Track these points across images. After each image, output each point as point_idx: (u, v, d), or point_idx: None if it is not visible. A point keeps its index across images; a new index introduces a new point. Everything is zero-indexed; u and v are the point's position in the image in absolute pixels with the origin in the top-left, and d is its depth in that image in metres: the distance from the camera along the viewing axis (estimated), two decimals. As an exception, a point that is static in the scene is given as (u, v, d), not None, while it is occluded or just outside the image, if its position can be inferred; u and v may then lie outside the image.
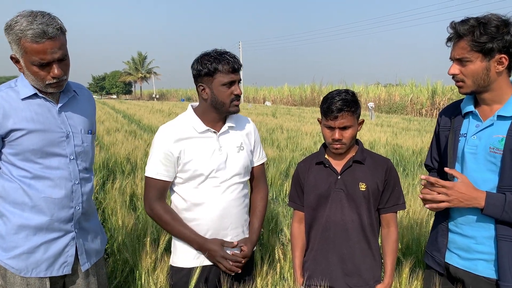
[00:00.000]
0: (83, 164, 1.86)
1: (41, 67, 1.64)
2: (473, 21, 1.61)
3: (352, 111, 1.86)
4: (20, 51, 1.62)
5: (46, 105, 1.75)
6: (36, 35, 1.57)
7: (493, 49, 1.58)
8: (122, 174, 6.04)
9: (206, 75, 1.93)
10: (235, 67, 1.92)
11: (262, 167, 2.23)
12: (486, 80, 1.65)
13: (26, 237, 1.74)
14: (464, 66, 1.66)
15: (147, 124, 15.50)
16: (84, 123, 1.88)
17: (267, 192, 2.25)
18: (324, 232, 1.95)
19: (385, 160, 2.00)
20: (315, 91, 41.80)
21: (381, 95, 34.18)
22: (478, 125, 1.73)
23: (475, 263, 1.74)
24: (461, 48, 1.64)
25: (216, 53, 1.93)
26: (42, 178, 1.73)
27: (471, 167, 1.72)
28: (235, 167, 2.02)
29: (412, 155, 8.56)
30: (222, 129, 2.03)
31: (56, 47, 1.62)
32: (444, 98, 28.25)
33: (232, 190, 2.01)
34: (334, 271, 1.94)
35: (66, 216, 1.80)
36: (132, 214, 3.75)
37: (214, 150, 1.98)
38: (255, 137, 2.19)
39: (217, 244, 1.96)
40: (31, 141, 1.69)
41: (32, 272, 1.75)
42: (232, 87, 1.93)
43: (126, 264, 3.00)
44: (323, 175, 1.97)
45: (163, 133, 1.98)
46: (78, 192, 1.82)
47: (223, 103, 1.95)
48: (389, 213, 1.97)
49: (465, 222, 1.75)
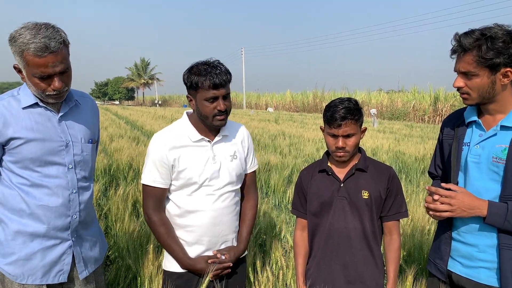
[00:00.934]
0: (82, 173, 1.87)
1: (42, 79, 1.66)
2: (478, 34, 1.58)
3: (356, 119, 1.87)
4: (22, 62, 1.64)
5: (47, 114, 1.77)
6: (38, 50, 1.58)
7: (499, 64, 1.57)
8: (125, 181, 6.06)
9: (190, 88, 1.95)
10: (216, 83, 1.87)
11: (253, 174, 2.25)
12: (491, 93, 1.65)
13: (23, 243, 1.75)
14: (470, 80, 1.66)
15: (149, 130, 15.55)
16: (85, 132, 1.90)
17: (257, 200, 2.26)
18: (327, 239, 1.96)
19: (387, 168, 2.01)
20: (317, 97, 41.81)
21: (384, 102, 34.14)
22: (481, 134, 1.74)
23: (477, 271, 1.74)
24: (467, 62, 1.63)
25: (203, 66, 1.91)
26: (40, 186, 1.75)
27: (473, 176, 1.73)
28: (228, 176, 2.03)
29: (415, 161, 8.55)
30: (216, 138, 2.04)
31: (57, 61, 1.64)
32: (446, 105, 28.19)
33: (224, 198, 2.03)
34: (337, 279, 1.94)
35: (63, 224, 1.81)
36: (135, 220, 3.76)
37: (208, 159, 2.00)
38: (249, 144, 2.20)
39: (203, 263, 1.99)
40: (30, 150, 1.71)
41: (28, 279, 1.76)
42: (215, 102, 1.92)
43: (129, 270, 3.01)
44: (326, 183, 1.98)
45: (158, 141, 1.99)
46: (76, 201, 1.83)
47: (206, 116, 1.95)
48: (392, 221, 1.98)
49: (467, 230, 1.76)
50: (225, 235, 2.06)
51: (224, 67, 1.93)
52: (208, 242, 2.02)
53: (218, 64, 1.93)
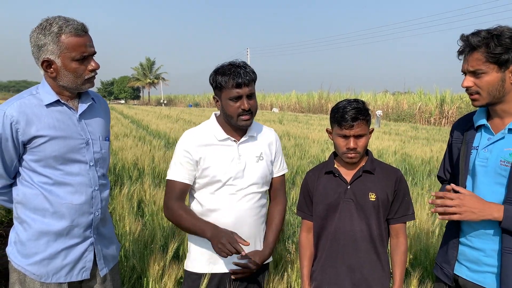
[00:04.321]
0: (101, 170, 1.91)
1: (81, 62, 1.72)
2: (485, 33, 1.60)
3: (367, 119, 1.88)
4: (58, 49, 1.68)
5: (67, 112, 1.81)
6: (78, 29, 1.69)
7: (508, 60, 1.58)
8: (130, 180, 6.06)
9: (216, 88, 1.99)
10: (239, 82, 1.90)
11: (282, 178, 2.23)
12: (501, 91, 1.64)
13: (47, 243, 1.77)
14: (479, 78, 1.65)
15: (155, 130, 15.57)
16: (102, 130, 1.94)
17: (285, 205, 2.24)
18: (332, 242, 1.95)
19: (394, 170, 2.00)
20: (322, 98, 41.74)
21: (389, 103, 34.03)
22: (490, 138, 1.73)
23: (483, 276, 1.72)
24: (475, 60, 1.63)
25: (227, 66, 1.95)
26: (63, 184, 1.77)
27: (481, 180, 1.72)
28: (252, 177, 2.03)
29: (421, 164, 8.50)
30: (243, 138, 2.06)
31: (91, 41, 1.76)
32: (453, 107, 28.05)
33: (248, 199, 2.02)
34: (342, 281, 1.93)
35: (86, 221, 1.84)
36: (140, 220, 3.76)
37: (233, 158, 2.01)
38: (277, 147, 2.20)
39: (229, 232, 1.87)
40: (53, 148, 1.73)
41: (52, 278, 1.79)
42: (239, 101, 1.94)
43: (133, 271, 3.01)
44: (333, 184, 1.97)
45: (185, 138, 2.04)
46: (98, 198, 1.87)
47: (231, 116, 1.97)
48: (398, 224, 1.96)
49: (475, 234, 1.74)
50: (248, 237, 2.00)
51: (249, 68, 1.97)
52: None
53: (243, 64, 1.97)
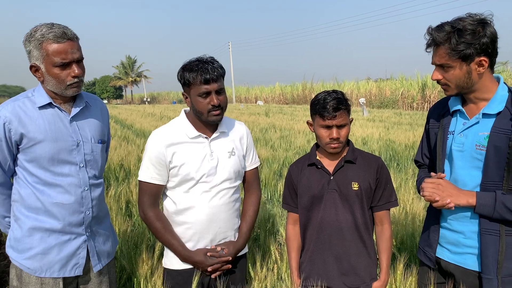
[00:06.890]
0: (92, 172, 1.95)
1: (62, 68, 1.76)
2: (448, 27, 1.62)
3: (348, 109, 1.90)
4: (41, 55, 1.74)
5: (59, 114, 1.86)
6: (58, 36, 1.73)
7: (471, 54, 1.60)
8: (116, 181, 6.03)
9: (184, 85, 1.98)
10: (207, 78, 1.88)
11: (255, 171, 2.25)
12: (468, 82, 1.68)
13: (41, 239, 1.84)
14: (446, 72, 1.69)
15: (139, 129, 15.45)
16: (95, 133, 1.97)
17: (259, 197, 2.26)
18: (319, 232, 1.98)
19: (376, 159, 2.03)
20: (306, 88, 41.88)
21: (372, 90, 34.30)
22: (465, 123, 1.76)
23: (464, 257, 1.77)
24: (440, 56, 1.67)
25: (195, 62, 1.93)
26: (53, 185, 1.83)
27: (458, 164, 1.76)
28: (225, 172, 2.04)
29: (405, 149, 8.62)
30: (214, 135, 2.05)
31: (75, 47, 1.78)
32: (434, 91, 28.41)
33: (222, 195, 2.03)
34: (330, 271, 1.96)
35: (77, 220, 1.89)
36: (128, 221, 3.75)
37: (205, 155, 2.01)
38: (248, 141, 2.20)
39: (201, 255, 2.00)
40: (43, 149, 1.79)
41: (46, 272, 1.85)
42: (208, 97, 1.93)
43: (123, 271, 3.00)
44: (316, 176, 1.99)
45: (155, 138, 2.01)
46: (88, 198, 1.91)
47: (201, 112, 1.96)
48: (382, 211, 2.00)
49: (454, 218, 1.79)
50: (223, 232, 2.06)
51: (217, 63, 1.95)
52: (206, 239, 2.02)
53: (211, 60, 1.95)
